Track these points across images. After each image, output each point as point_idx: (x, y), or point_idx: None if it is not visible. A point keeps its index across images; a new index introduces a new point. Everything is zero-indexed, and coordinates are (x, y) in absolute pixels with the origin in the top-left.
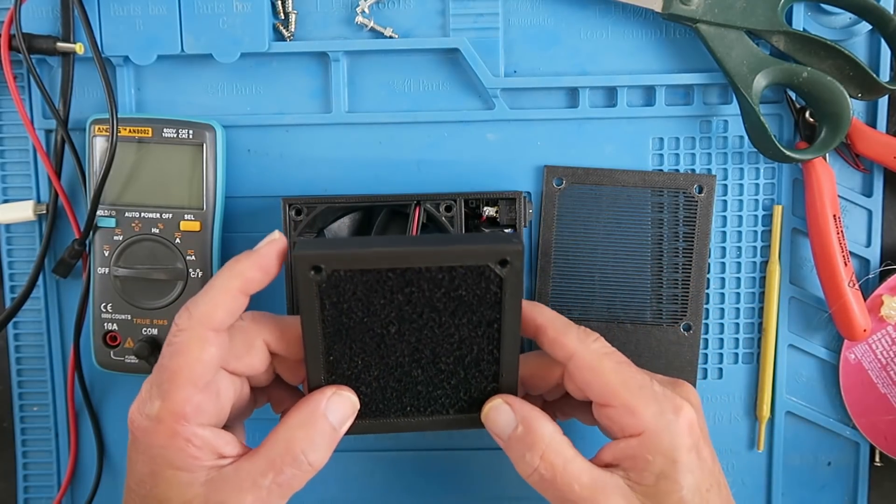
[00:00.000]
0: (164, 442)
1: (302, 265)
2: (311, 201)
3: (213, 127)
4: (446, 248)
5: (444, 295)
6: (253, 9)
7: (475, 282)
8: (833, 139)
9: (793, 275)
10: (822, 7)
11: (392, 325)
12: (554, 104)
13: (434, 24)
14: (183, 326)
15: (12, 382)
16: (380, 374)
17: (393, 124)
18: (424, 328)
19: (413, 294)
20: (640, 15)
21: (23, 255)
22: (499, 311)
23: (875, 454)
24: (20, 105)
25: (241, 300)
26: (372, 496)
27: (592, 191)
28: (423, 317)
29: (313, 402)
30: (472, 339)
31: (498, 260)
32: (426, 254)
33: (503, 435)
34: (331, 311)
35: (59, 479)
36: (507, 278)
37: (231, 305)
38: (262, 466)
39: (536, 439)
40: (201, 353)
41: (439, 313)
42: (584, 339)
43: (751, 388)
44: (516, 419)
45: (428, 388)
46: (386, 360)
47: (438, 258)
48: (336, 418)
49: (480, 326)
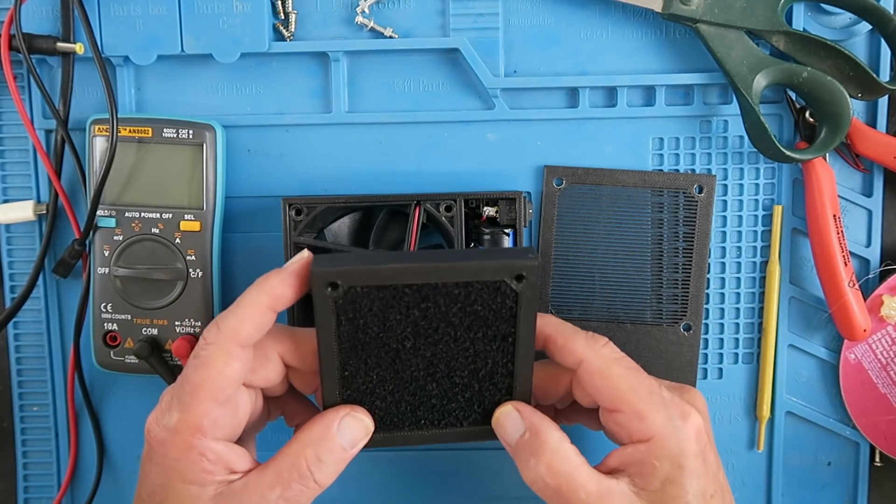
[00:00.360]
0: (179, 454)
1: (319, 282)
2: (311, 201)
3: (213, 127)
4: (462, 264)
5: (460, 310)
6: (253, 9)
7: (491, 297)
8: (833, 139)
9: (793, 275)
10: (822, 7)
11: (407, 340)
12: (554, 104)
13: (434, 24)
14: (210, 340)
15: (12, 382)
16: (394, 389)
17: (393, 124)
18: (440, 343)
19: (429, 309)
20: (640, 15)
21: (23, 255)
22: (514, 325)
23: (875, 454)
24: (20, 105)
25: (268, 316)
26: (372, 496)
27: (592, 191)
28: (438, 331)
29: (326, 421)
30: (487, 353)
31: (514, 275)
32: (443, 269)
33: (511, 441)
34: (347, 326)
35: (59, 479)
36: (523, 293)
37: (259, 321)
38: (270, 481)
39: (543, 446)
40: (225, 368)
41: (455, 328)
42: (592, 345)
43: (751, 388)
44: (524, 425)
45: (442, 402)
46: (401, 374)
47: (455, 274)
48: (347, 440)
49: (495, 340)
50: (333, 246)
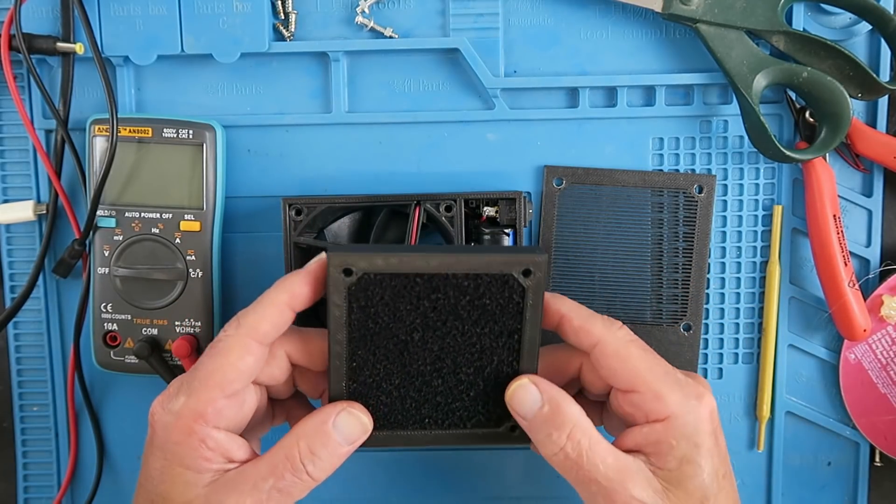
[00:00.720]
0: (179, 439)
1: (334, 267)
2: (311, 201)
3: (213, 127)
4: (473, 256)
5: (469, 303)
6: (253, 9)
7: (499, 290)
8: (833, 139)
9: (793, 275)
10: (822, 7)
11: (416, 332)
12: (554, 104)
13: (434, 24)
14: (229, 333)
15: (12, 382)
16: (401, 383)
17: (393, 124)
18: (447, 336)
19: (439, 300)
20: (640, 15)
21: (23, 255)
22: (520, 321)
23: (875, 454)
24: (20, 105)
25: (287, 314)
26: (372, 496)
27: (592, 191)
28: (446, 324)
29: (322, 416)
30: (493, 350)
31: (522, 269)
32: (454, 260)
33: (528, 415)
34: (358, 314)
35: (59, 479)
36: (530, 288)
37: (277, 319)
38: (263, 471)
39: (564, 419)
40: (239, 361)
41: (463, 321)
42: (609, 327)
43: (751, 388)
44: (542, 399)
45: (447, 399)
46: (407, 367)
47: (465, 265)
48: (343, 436)
49: (502, 336)
50: (334, 246)
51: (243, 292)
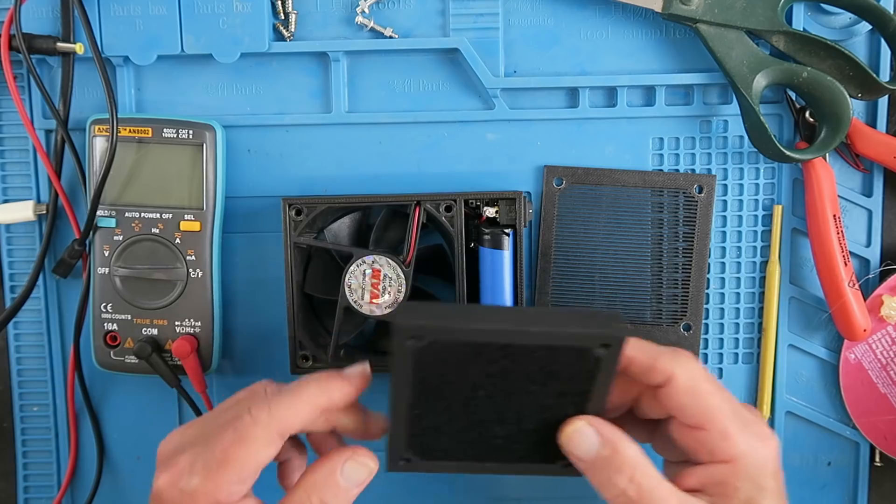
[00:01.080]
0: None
1: (401, 334)
2: (311, 201)
3: (213, 127)
4: (551, 330)
5: (540, 369)
6: (253, 9)
7: (573, 360)
8: (833, 139)
9: (793, 275)
10: (822, 7)
11: (482, 390)
12: (554, 104)
13: (434, 24)
14: (258, 420)
15: (12, 382)
16: (461, 429)
17: (393, 124)
18: (513, 394)
19: (508, 366)
20: (640, 15)
21: (23, 255)
22: (591, 384)
23: (875, 454)
24: (20, 105)
25: (319, 418)
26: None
27: (592, 191)
28: (514, 384)
29: (330, 465)
30: (560, 406)
31: (601, 344)
32: (530, 333)
33: (587, 457)
34: (422, 373)
35: (59, 479)
36: (607, 358)
37: (308, 420)
38: None
39: (623, 461)
40: (259, 454)
41: (531, 383)
42: (678, 361)
43: (751, 388)
44: (601, 441)
45: (507, 443)
46: (470, 417)
47: (542, 338)
48: (351, 482)
49: (569, 395)
50: (335, 246)
51: (243, 292)
